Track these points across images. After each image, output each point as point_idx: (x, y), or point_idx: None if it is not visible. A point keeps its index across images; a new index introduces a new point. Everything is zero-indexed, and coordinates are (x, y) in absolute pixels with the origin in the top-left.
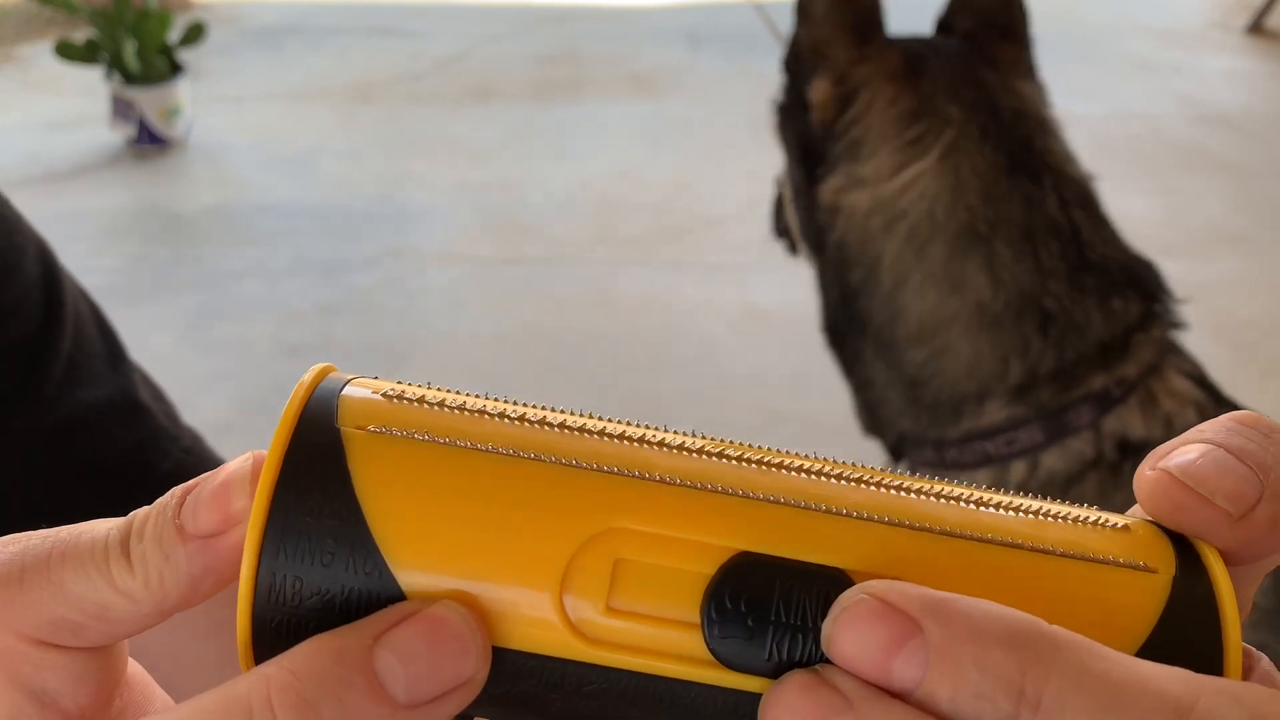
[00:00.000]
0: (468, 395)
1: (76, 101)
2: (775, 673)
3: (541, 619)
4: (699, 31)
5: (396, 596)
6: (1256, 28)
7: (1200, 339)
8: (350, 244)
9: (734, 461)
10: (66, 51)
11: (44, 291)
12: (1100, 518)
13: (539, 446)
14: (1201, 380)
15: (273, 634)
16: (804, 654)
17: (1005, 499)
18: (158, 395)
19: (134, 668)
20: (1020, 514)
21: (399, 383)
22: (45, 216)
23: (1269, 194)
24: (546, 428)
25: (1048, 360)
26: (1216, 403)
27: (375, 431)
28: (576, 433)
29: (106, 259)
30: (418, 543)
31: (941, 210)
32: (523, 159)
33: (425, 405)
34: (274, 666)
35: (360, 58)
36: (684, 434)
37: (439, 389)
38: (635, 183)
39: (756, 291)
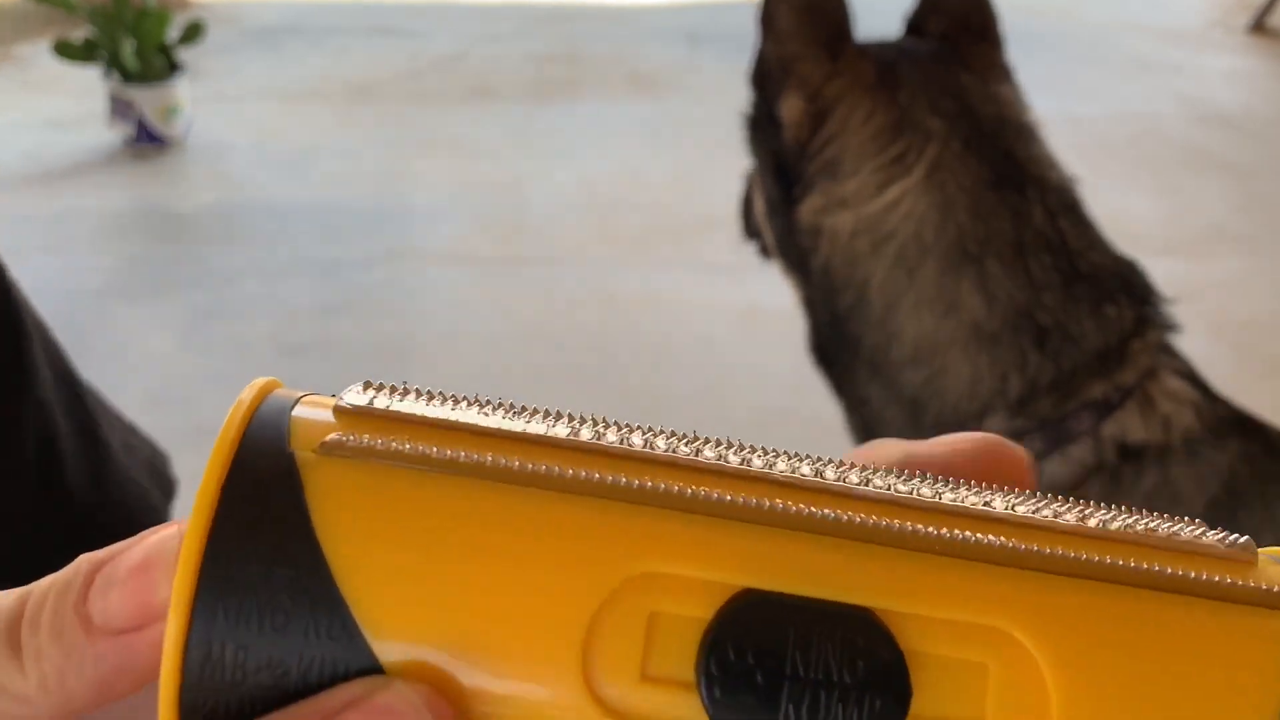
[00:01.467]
0: (453, 400)
1: (75, 101)
2: None
3: (560, 697)
4: (699, 31)
5: (370, 669)
6: (1258, 27)
7: (1201, 339)
8: (350, 243)
9: (742, 480)
10: (65, 50)
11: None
12: (1222, 539)
13: (545, 472)
14: (1194, 379)
15: None
16: (828, 719)
17: (1090, 514)
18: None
19: None
20: (1107, 532)
21: (365, 387)
22: (44, 216)
23: (1270, 194)
24: (551, 447)
25: (1046, 373)
26: (1211, 401)
27: (340, 456)
28: (587, 454)
29: (105, 259)
30: (398, 598)
31: (930, 230)
32: (523, 158)
33: (402, 422)
34: None
35: (360, 57)
36: (688, 441)
37: (416, 393)
38: (635, 182)
39: (757, 291)
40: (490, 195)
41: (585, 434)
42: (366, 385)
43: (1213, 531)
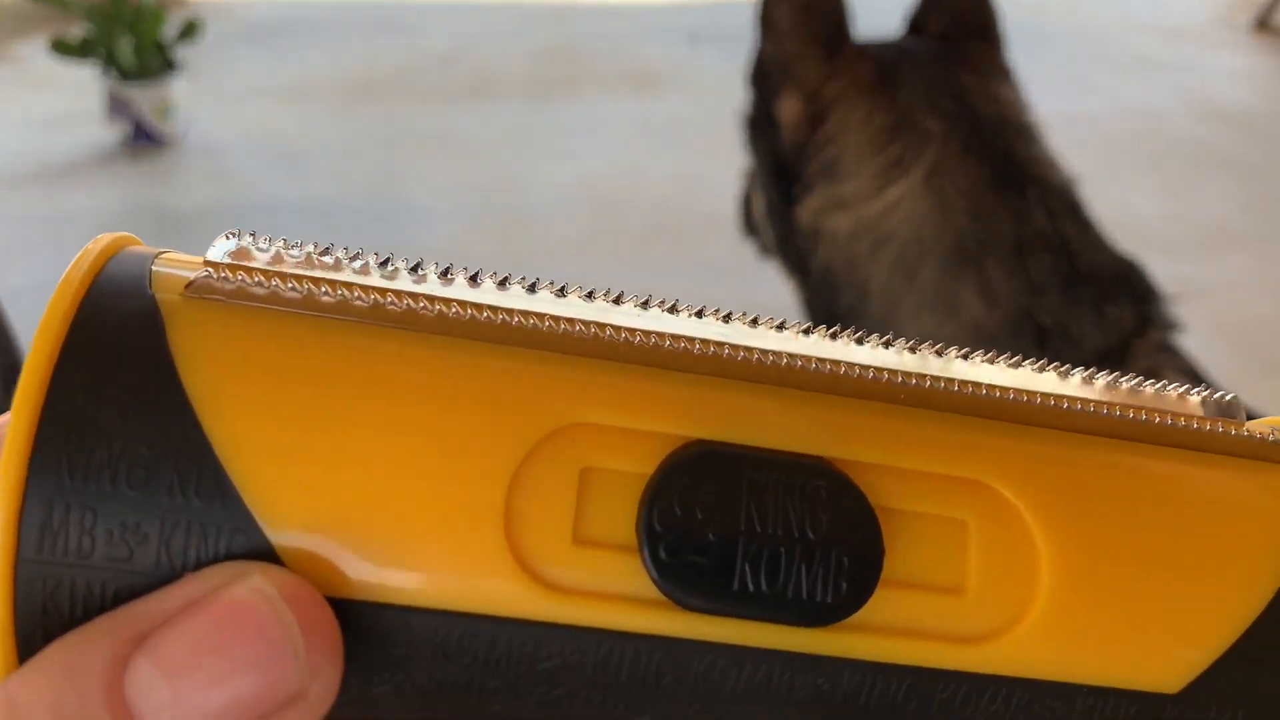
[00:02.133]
0: (349, 254)
1: (71, 99)
2: (752, 613)
3: (481, 572)
4: (700, 28)
5: (246, 531)
6: (1262, 25)
7: (1206, 338)
8: (348, 242)
9: (689, 341)
10: (61, 48)
11: None
12: (1209, 396)
13: (455, 315)
14: (1197, 379)
15: (43, 610)
16: (790, 581)
17: (1071, 371)
18: None
19: None
20: (1091, 390)
21: (234, 235)
22: (40, 216)
23: (1276, 192)
24: (465, 300)
25: None
26: None
27: (211, 297)
28: (505, 312)
29: None
30: (280, 461)
31: (929, 232)
32: (522, 157)
33: (288, 268)
34: None
35: (358, 55)
36: (623, 299)
37: (305, 245)
38: (636, 181)
39: (759, 290)
40: (489, 194)
41: (512, 294)
42: (235, 233)
43: (1196, 389)
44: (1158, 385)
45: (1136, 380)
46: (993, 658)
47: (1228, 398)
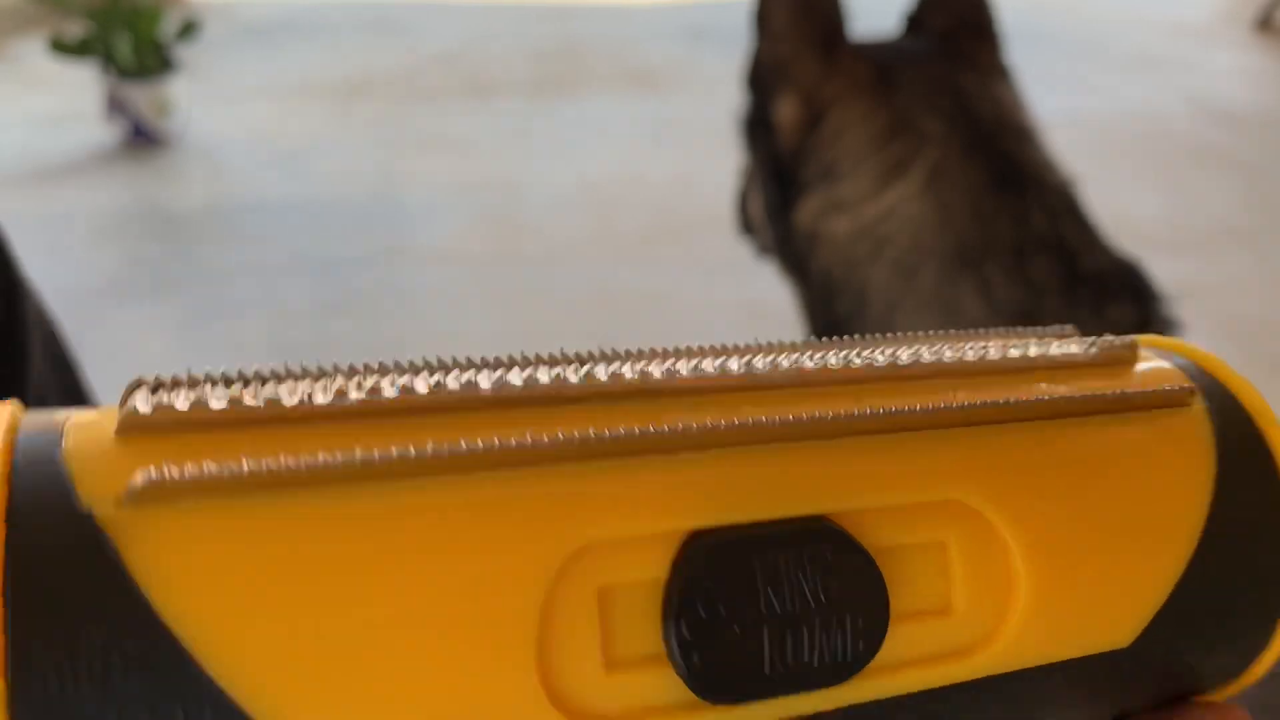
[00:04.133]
0: (260, 380)
1: (70, 98)
2: (782, 690)
3: (521, 708)
4: (701, 27)
5: None
6: (1264, 23)
7: (1208, 337)
8: (347, 242)
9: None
10: (60, 47)
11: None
12: (1093, 346)
13: (432, 454)
14: None
15: None
16: (814, 651)
17: (963, 348)
18: None
19: None
20: (999, 364)
21: (137, 387)
22: (38, 215)
23: (1276, 191)
24: (419, 410)
25: None
26: None
27: (161, 502)
28: (468, 408)
29: (100, 258)
30: (285, 661)
31: (929, 233)
32: (522, 156)
33: (218, 423)
34: None
35: (356, 54)
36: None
37: (209, 381)
38: (636, 180)
39: (760, 289)
40: (488, 194)
41: (451, 383)
42: (138, 384)
43: (1076, 340)
44: (1041, 344)
45: (1011, 341)
46: (982, 663)
47: (1118, 342)
